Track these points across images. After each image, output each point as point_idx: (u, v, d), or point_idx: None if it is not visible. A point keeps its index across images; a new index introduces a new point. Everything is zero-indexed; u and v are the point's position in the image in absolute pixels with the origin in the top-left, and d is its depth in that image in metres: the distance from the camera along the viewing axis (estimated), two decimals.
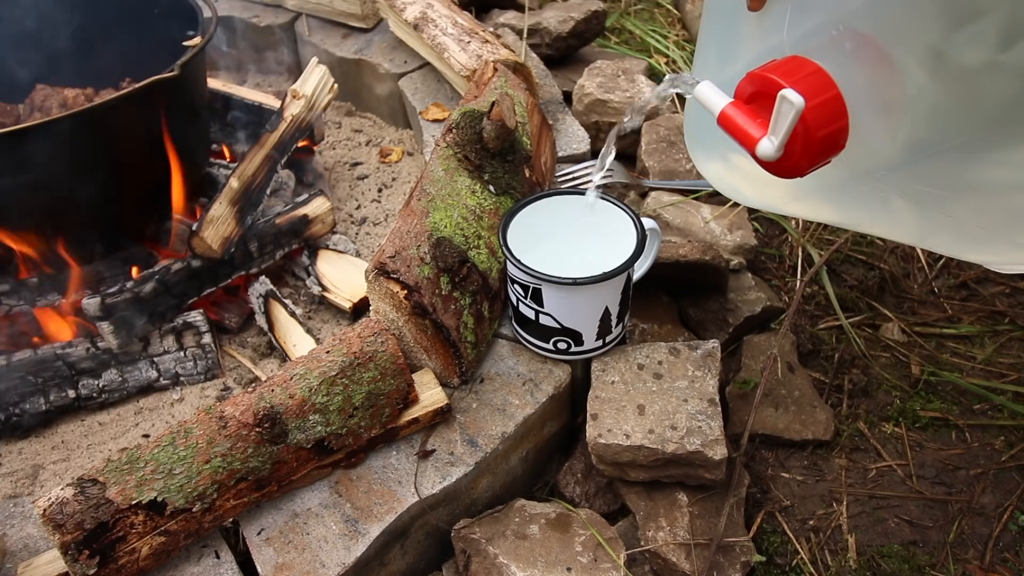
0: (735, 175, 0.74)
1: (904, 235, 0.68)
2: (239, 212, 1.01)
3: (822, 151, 0.54)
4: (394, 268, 0.79)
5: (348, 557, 0.71)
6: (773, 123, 0.52)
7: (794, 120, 0.51)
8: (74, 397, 0.94)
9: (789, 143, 0.52)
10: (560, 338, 0.84)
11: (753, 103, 0.55)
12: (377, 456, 0.79)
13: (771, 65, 0.54)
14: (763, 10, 0.59)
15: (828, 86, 0.52)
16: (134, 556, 0.67)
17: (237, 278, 1.04)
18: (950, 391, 0.99)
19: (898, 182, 0.57)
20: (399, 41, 1.40)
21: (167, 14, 1.10)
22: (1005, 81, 0.48)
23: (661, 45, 1.61)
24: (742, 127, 0.55)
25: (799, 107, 0.50)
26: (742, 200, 0.85)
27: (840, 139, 0.54)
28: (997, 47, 0.46)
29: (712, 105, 0.57)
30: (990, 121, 0.50)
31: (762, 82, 0.54)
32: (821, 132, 0.52)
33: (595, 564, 0.75)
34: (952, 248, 0.70)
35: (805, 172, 0.55)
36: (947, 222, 0.58)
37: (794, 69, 0.53)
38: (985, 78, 0.48)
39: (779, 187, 0.67)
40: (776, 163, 0.54)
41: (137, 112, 0.93)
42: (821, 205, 0.70)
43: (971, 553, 0.83)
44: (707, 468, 0.78)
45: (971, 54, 0.48)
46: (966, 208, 0.57)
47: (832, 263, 1.16)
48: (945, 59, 0.49)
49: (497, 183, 0.92)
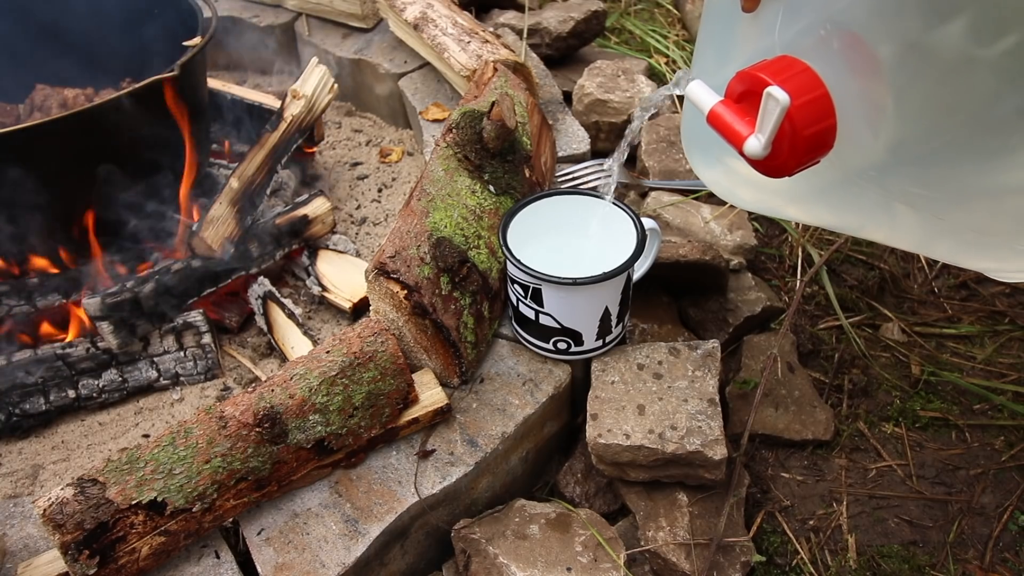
0: (731, 178, 0.74)
1: (904, 241, 0.68)
2: (239, 212, 1.01)
3: (809, 150, 0.54)
4: (394, 268, 0.79)
5: (348, 557, 0.71)
6: (760, 121, 0.52)
7: (780, 117, 0.51)
8: (74, 397, 0.94)
9: (776, 141, 0.52)
10: (560, 338, 0.84)
11: (743, 102, 0.55)
12: (377, 456, 0.79)
13: (760, 64, 0.54)
14: (757, 11, 0.60)
15: (815, 85, 0.52)
16: (134, 556, 0.67)
17: (237, 278, 1.04)
18: (950, 391, 0.99)
19: (891, 185, 0.57)
20: (399, 41, 1.40)
21: (167, 14, 1.10)
22: (984, 77, 0.48)
23: (661, 45, 1.61)
24: (730, 125, 0.55)
25: (784, 104, 0.51)
26: (739, 204, 0.86)
27: (828, 138, 0.54)
28: (976, 43, 0.46)
29: (702, 104, 0.57)
30: (972, 119, 0.50)
31: (751, 80, 0.54)
32: (808, 130, 0.52)
33: (595, 564, 0.75)
34: (953, 255, 0.70)
35: (793, 171, 0.55)
36: (945, 227, 0.58)
37: (783, 68, 0.53)
38: (965, 74, 0.48)
39: (776, 190, 0.67)
40: (764, 161, 0.54)
41: (137, 112, 0.93)
42: (818, 209, 0.70)
43: (971, 553, 0.83)
44: (707, 468, 0.78)
45: (951, 50, 0.48)
46: (965, 214, 0.56)
47: (832, 263, 1.16)
48: (927, 56, 0.49)
49: (497, 183, 0.92)
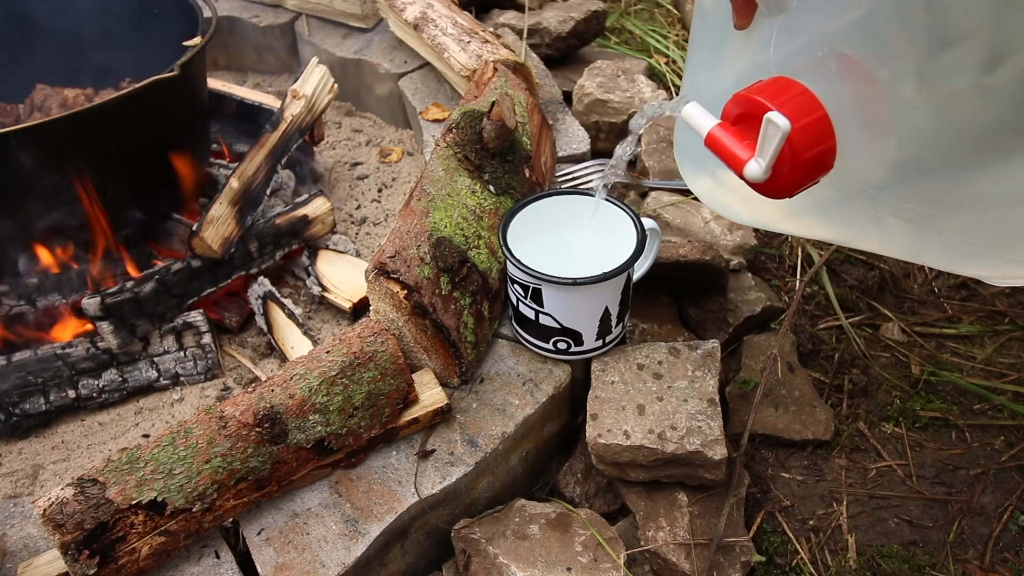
0: (725, 192, 0.74)
1: (897, 251, 0.68)
2: (239, 212, 1.01)
3: (810, 172, 0.54)
4: (394, 268, 0.79)
5: (348, 557, 0.71)
6: (760, 145, 0.52)
7: (780, 142, 0.51)
8: (74, 397, 0.94)
9: (777, 164, 0.52)
10: (560, 338, 0.84)
11: (740, 124, 0.55)
12: (377, 456, 0.79)
13: (757, 86, 0.54)
14: (750, 28, 0.59)
15: (814, 107, 0.52)
16: (134, 556, 0.67)
17: (237, 278, 1.04)
18: (950, 391, 0.99)
19: (887, 201, 0.57)
20: (399, 41, 1.40)
21: (167, 14, 1.10)
22: (988, 103, 0.48)
23: (661, 45, 1.61)
24: (729, 148, 0.55)
25: (785, 130, 0.50)
26: (733, 217, 0.86)
27: (828, 159, 0.54)
28: (979, 70, 0.46)
29: (699, 127, 0.57)
30: (975, 142, 0.50)
31: (748, 104, 0.53)
32: (808, 153, 0.52)
33: (595, 564, 0.75)
34: (945, 263, 0.70)
35: (794, 193, 0.55)
36: (938, 239, 0.58)
37: (780, 91, 0.53)
38: (968, 100, 0.48)
39: (769, 205, 0.67)
40: (764, 184, 0.54)
41: (137, 112, 0.93)
42: (812, 222, 0.70)
43: (971, 553, 0.83)
44: (707, 468, 0.78)
45: (954, 77, 0.48)
46: (956, 226, 0.56)
47: (832, 263, 1.16)
48: (929, 82, 0.49)
49: (497, 183, 0.92)
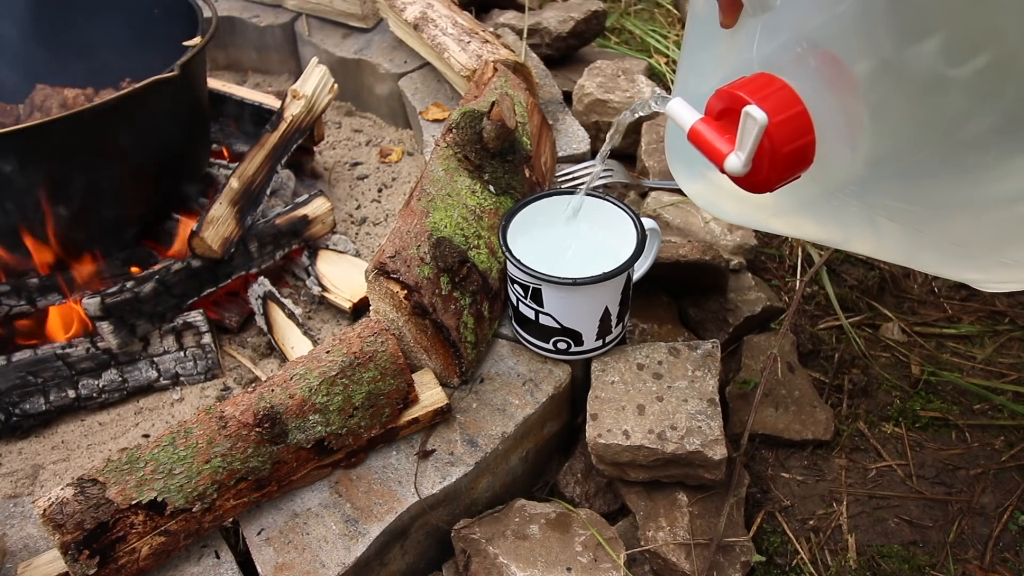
0: (715, 192, 0.75)
1: (890, 253, 0.69)
2: (239, 212, 1.01)
3: (789, 166, 0.55)
4: (394, 268, 0.79)
5: (348, 557, 0.71)
6: (739, 139, 0.53)
7: (758, 135, 0.52)
8: (74, 397, 0.94)
9: (756, 158, 0.53)
10: (560, 338, 0.84)
11: (723, 119, 0.56)
12: (377, 456, 0.79)
13: (739, 82, 0.55)
14: (735, 27, 0.60)
15: (793, 102, 0.53)
16: (134, 556, 0.67)
17: (237, 278, 1.04)
18: (950, 391, 0.99)
19: (871, 198, 0.58)
20: (399, 41, 1.40)
21: (167, 14, 1.10)
22: (956, 97, 0.49)
23: (661, 45, 1.61)
24: (711, 143, 0.56)
25: (762, 123, 0.52)
26: (724, 216, 0.86)
27: (807, 154, 0.55)
28: (946, 63, 0.47)
29: (683, 121, 0.58)
30: (948, 136, 0.51)
31: (730, 99, 0.55)
32: (787, 147, 0.53)
33: (595, 564, 0.75)
34: (937, 267, 0.71)
35: (774, 187, 0.56)
36: (927, 240, 0.59)
37: (761, 86, 0.54)
38: (939, 93, 0.49)
39: (759, 204, 0.68)
40: (745, 178, 0.55)
41: (137, 112, 0.93)
42: (803, 222, 0.71)
43: (971, 553, 0.83)
44: (707, 468, 0.78)
45: (924, 69, 0.49)
46: (944, 226, 0.57)
47: (832, 263, 1.16)
48: (901, 74, 0.50)
49: (497, 183, 0.92)
